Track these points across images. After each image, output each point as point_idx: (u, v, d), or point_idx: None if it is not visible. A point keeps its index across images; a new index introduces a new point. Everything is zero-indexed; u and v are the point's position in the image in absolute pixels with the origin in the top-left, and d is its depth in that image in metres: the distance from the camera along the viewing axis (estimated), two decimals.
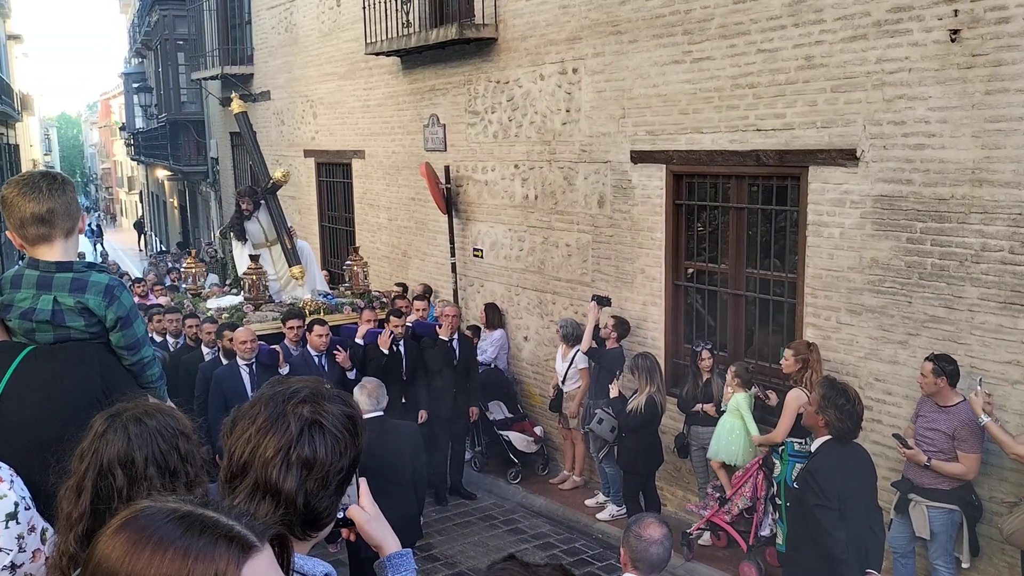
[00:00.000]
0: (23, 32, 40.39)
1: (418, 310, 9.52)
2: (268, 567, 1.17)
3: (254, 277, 8.95)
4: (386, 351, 8.25)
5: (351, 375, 8.05)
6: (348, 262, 10.16)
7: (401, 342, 8.47)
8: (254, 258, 9.11)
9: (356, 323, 8.77)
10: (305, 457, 1.62)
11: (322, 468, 1.63)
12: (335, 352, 8.07)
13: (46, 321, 2.46)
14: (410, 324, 8.91)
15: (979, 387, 5.51)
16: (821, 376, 6.60)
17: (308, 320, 8.28)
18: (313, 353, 7.97)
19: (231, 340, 7.58)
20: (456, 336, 8.82)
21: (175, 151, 24.71)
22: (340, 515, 1.80)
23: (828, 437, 4.70)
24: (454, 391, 8.61)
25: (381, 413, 5.88)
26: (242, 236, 9.45)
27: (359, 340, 8.35)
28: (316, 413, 1.66)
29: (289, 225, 9.78)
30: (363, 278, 9.94)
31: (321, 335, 7.96)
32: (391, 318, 8.49)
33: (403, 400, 8.36)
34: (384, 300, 9.73)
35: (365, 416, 5.20)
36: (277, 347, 7.90)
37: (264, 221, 9.51)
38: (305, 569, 1.65)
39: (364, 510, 1.88)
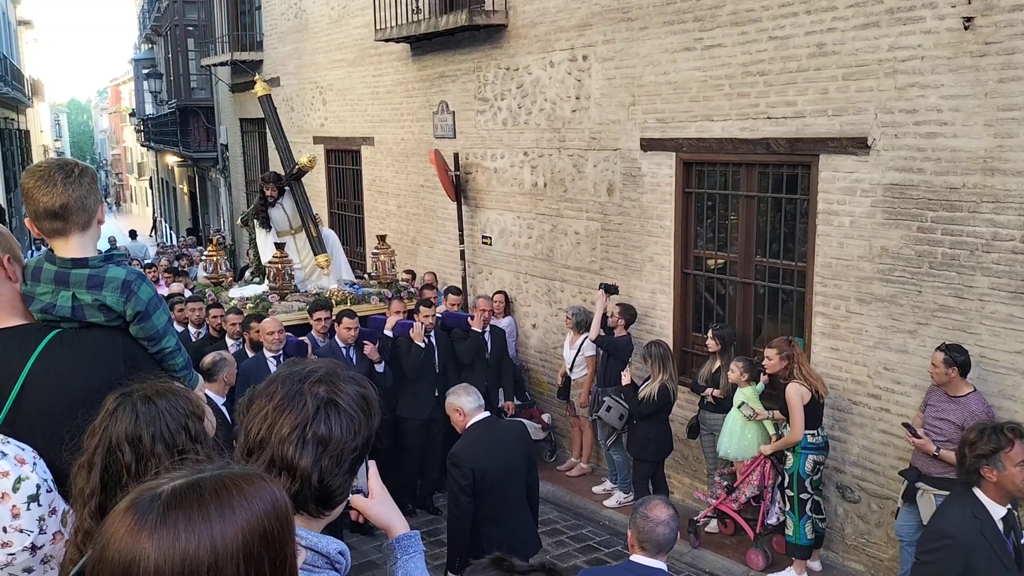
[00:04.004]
0: (33, 18, 40.38)
1: (452, 304, 9.11)
2: None
3: (280, 266, 8.59)
4: (423, 344, 7.99)
5: (379, 368, 7.81)
6: (375, 250, 9.78)
7: (432, 334, 8.21)
8: (279, 246, 8.77)
9: (383, 314, 8.49)
10: (321, 435, 1.65)
11: (337, 446, 1.67)
12: (363, 344, 7.79)
13: (67, 318, 2.47)
14: (440, 315, 8.66)
15: None
16: (806, 368, 6.51)
17: (337, 311, 7.96)
18: (341, 345, 7.66)
19: (258, 332, 7.33)
20: (488, 328, 8.60)
21: (185, 137, 24.73)
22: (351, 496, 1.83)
23: None
24: (486, 384, 8.27)
25: (489, 414, 5.24)
26: (266, 224, 9.17)
27: (388, 332, 8.10)
28: (332, 393, 1.69)
29: (314, 213, 9.49)
30: (390, 268, 9.58)
31: (350, 328, 7.62)
32: (420, 308, 8.18)
33: (436, 393, 8.09)
34: (412, 291, 9.44)
35: (475, 419, 5.06)
36: (305, 339, 7.68)
37: (288, 208, 9.21)
38: (319, 547, 1.67)
39: (368, 496, 1.90)
